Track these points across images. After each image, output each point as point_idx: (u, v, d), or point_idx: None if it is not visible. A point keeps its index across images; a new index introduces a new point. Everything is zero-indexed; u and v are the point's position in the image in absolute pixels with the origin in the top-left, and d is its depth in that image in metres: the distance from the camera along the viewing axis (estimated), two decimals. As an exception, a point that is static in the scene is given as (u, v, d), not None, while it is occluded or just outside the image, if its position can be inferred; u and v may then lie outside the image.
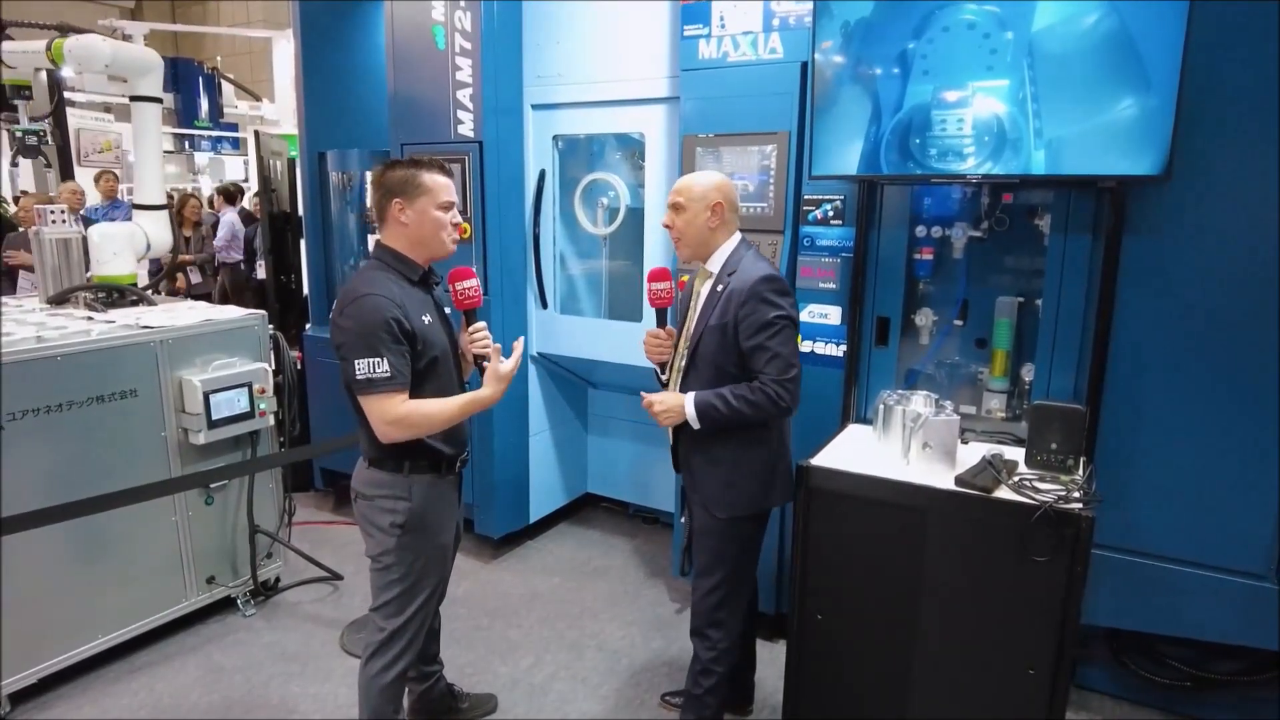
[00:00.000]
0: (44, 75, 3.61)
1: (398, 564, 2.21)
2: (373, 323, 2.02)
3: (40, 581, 2.79)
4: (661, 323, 2.44)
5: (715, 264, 2.32)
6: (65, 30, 3.55)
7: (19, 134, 3.59)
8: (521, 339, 2.28)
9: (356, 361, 2.02)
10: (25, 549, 2.71)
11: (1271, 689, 2.59)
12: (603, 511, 4.53)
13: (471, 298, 2.25)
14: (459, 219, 2.23)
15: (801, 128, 2.87)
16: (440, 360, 2.18)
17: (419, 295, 2.18)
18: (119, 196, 7.11)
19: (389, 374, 2.03)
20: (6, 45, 3.74)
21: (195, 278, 7.21)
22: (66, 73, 3.64)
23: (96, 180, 6.77)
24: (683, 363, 2.34)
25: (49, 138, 3.67)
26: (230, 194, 7.94)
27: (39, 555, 2.76)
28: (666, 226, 2.34)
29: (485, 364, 2.25)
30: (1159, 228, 2.42)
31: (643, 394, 2.32)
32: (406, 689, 2.43)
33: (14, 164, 3.66)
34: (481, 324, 2.29)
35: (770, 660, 2.95)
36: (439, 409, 2.12)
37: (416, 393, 2.12)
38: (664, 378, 2.44)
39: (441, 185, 2.16)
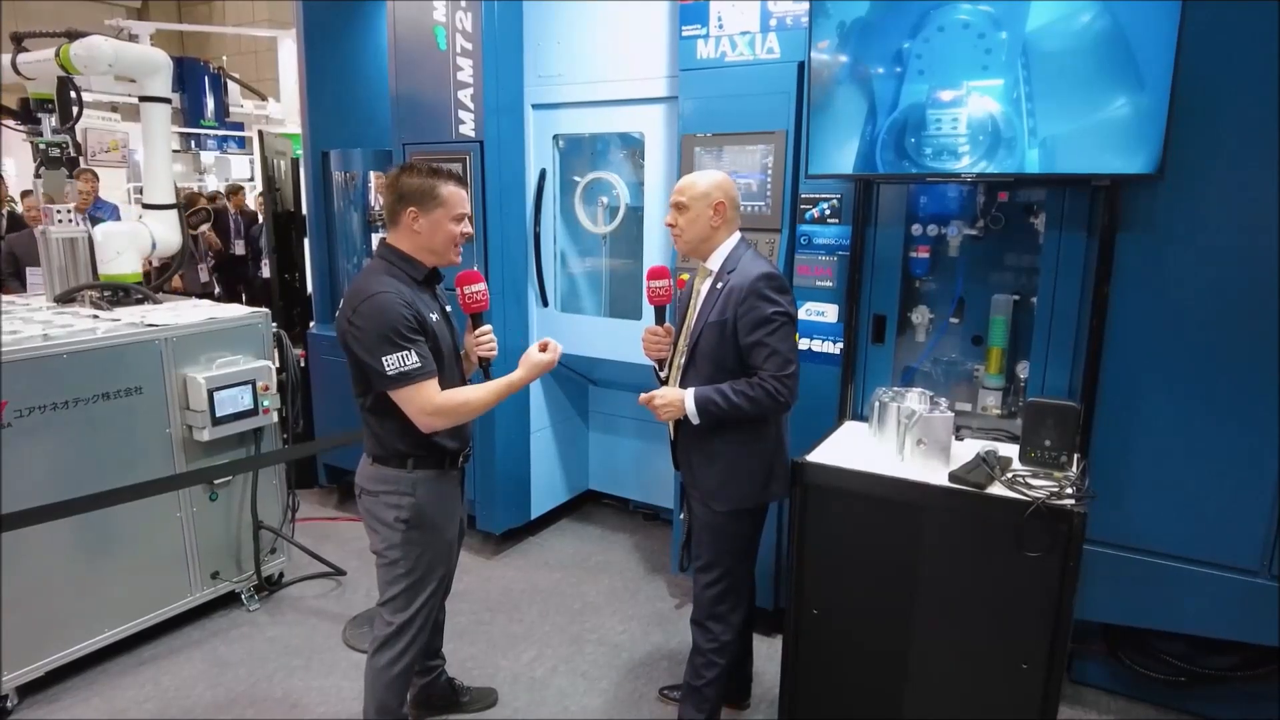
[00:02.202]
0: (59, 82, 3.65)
1: (403, 559, 2.23)
2: (390, 319, 2.04)
3: (47, 576, 2.83)
4: (660, 320, 2.46)
5: (715, 262, 2.34)
6: (73, 36, 3.57)
7: (42, 146, 3.62)
8: (560, 347, 2.29)
9: (384, 359, 2.03)
10: (32, 544, 2.74)
11: (1265, 684, 2.60)
12: (604, 508, 4.56)
13: (479, 301, 2.29)
14: (470, 229, 2.25)
15: (799, 127, 2.89)
16: (444, 358, 2.21)
17: (424, 294, 2.21)
18: (100, 197, 7.11)
19: (419, 364, 2.06)
20: (21, 57, 3.77)
21: (203, 276, 7.25)
22: (79, 83, 3.67)
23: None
24: (682, 359, 2.37)
25: (71, 149, 3.69)
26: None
27: (45, 550, 2.80)
28: (670, 225, 2.36)
29: (489, 365, 2.31)
30: (1153, 226, 2.44)
31: (640, 394, 2.35)
32: (408, 682, 2.46)
33: (37, 175, 3.68)
34: (487, 326, 2.34)
35: (768, 655, 2.98)
36: (478, 395, 2.17)
37: None
38: (662, 375, 2.47)
39: (458, 198, 2.17)
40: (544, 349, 2.24)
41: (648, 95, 3.44)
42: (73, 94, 3.71)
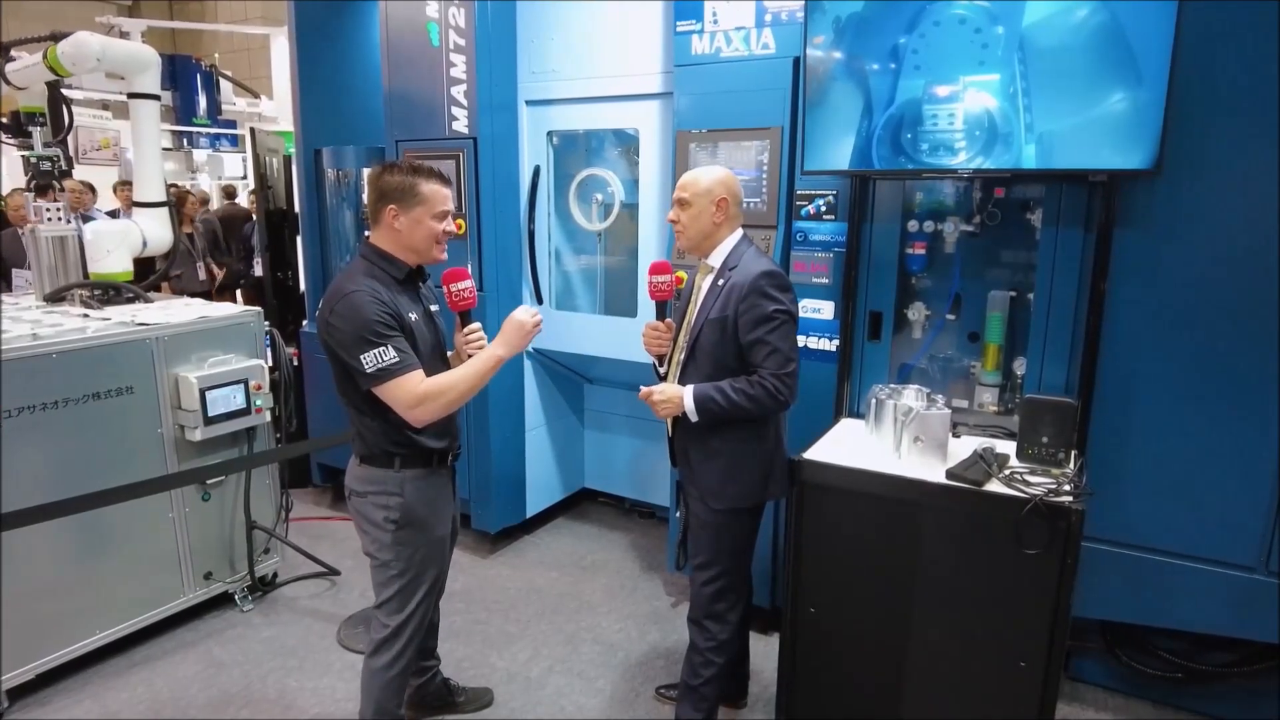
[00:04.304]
0: (49, 89, 3.63)
1: (395, 560, 2.22)
2: (365, 316, 2.02)
3: (38, 578, 2.80)
4: (661, 315, 2.44)
5: (717, 259, 2.32)
6: (57, 37, 3.53)
7: (34, 160, 3.60)
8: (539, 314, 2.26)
9: (362, 356, 2.02)
10: (23, 545, 2.72)
11: (1262, 680, 2.60)
12: (599, 506, 4.54)
13: (467, 299, 2.25)
14: (453, 226, 2.22)
15: (794, 123, 2.87)
16: (424, 358, 2.17)
17: (405, 294, 2.18)
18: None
19: (397, 358, 2.04)
20: (10, 66, 3.74)
21: (201, 274, 7.22)
22: (69, 82, 3.63)
23: None
24: (682, 356, 2.36)
25: (63, 162, 3.67)
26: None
27: (37, 551, 2.78)
28: (672, 221, 2.35)
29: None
30: (1150, 221, 2.43)
31: (641, 387, 2.33)
32: (403, 682, 2.45)
33: (29, 188, 3.66)
34: (476, 324, 2.29)
35: (765, 654, 2.97)
36: (461, 376, 2.13)
37: None
38: (662, 370, 2.45)
39: (439, 195, 2.15)
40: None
41: (642, 91, 3.42)
42: (64, 106, 3.69)
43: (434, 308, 2.32)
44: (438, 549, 2.32)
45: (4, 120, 3.82)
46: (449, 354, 2.36)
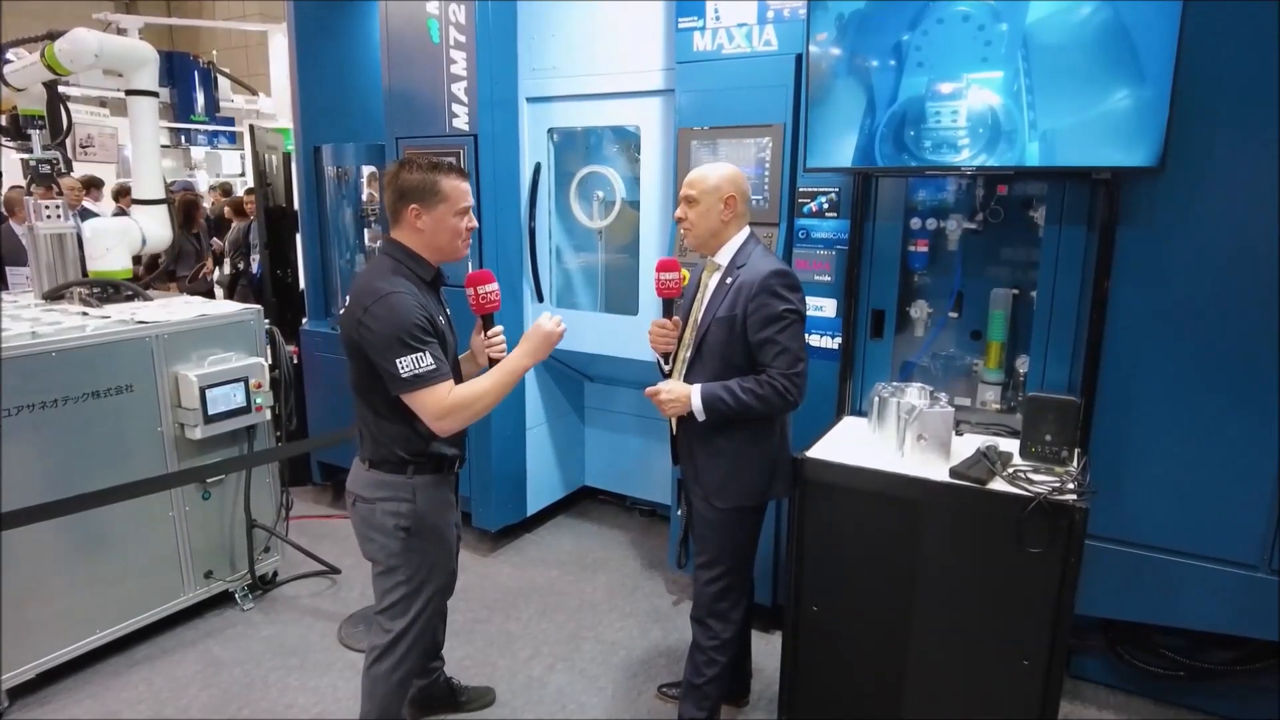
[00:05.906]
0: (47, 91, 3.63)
1: (403, 566, 2.18)
2: (405, 319, 1.98)
3: (38, 577, 2.79)
4: (668, 313, 2.42)
5: (724, 257, 2.31)
6: (54, 36, 3.52)
7: (33, 163, 3.60)
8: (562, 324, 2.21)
9: (399, 360, 1.97)
10: (23, 545, 2.71)
11: (1264, 678, 2.60)
12: (600, 504, 4.54)
13: (492, 302, 2.21)
14: (474, 222, 2.19)
15: (796, 120, 2.86)
16: (451, 363, 2.15)
17: (431, 296, 2.15)
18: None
19: (434, 366, 2.00)
20: (7, 68, 3.73)
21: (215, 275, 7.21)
22: (67, 80, 3.62)
23: None
24: (688, 354, 2.35)
25: (62, 166, 3.67)
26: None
27: (36, 551, 2.77)
28: (679, 219, 2.33)
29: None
30: (1153, 219, 2.42)
31: (647, 387, 2.32)
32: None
33: (28, 192, 3.65)
34: (499, 327, 2.25)
35: (766, 652, 2.97)
36: (486, 386, 2.09)
37: None
38: (667, 368, 2.44)
39: (460, 190, 2.11)
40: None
41: (644, 88, 3.41)
42: (62, 108, 3.68)
43: (448, 311, 2.27)
44: (445, 554, 2.29)
45: (2, 123, 3.81)
46: (461, 356, 2.33)
